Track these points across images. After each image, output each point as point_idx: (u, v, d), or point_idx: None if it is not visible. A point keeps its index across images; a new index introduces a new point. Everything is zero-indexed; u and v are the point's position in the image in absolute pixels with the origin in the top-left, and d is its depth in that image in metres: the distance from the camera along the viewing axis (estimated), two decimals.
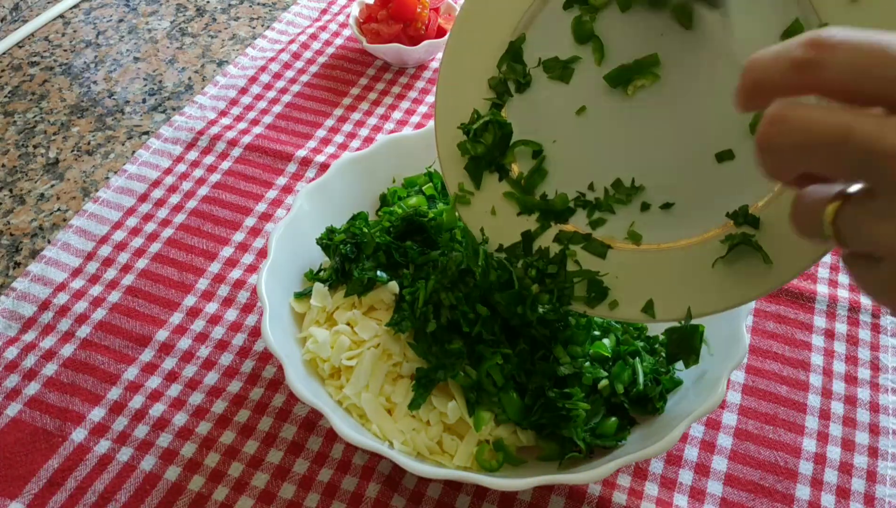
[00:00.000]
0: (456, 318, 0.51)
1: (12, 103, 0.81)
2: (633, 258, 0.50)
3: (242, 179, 0.72)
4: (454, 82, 0.53)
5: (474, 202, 0.53)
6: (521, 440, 0.51)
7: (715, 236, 0.48)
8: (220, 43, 0.89)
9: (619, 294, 0.49)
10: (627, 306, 0.49)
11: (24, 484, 0.52)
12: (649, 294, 0.48)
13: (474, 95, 0.53)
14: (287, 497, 0.52)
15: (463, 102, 0.53)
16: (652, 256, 0.49)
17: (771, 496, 0.52)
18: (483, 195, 0.53)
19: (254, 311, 0.62)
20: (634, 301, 0.49)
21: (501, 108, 0.53)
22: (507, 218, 0.52)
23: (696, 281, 0.48)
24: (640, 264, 0.49)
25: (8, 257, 0.67)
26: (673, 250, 0.49)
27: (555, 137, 0.52)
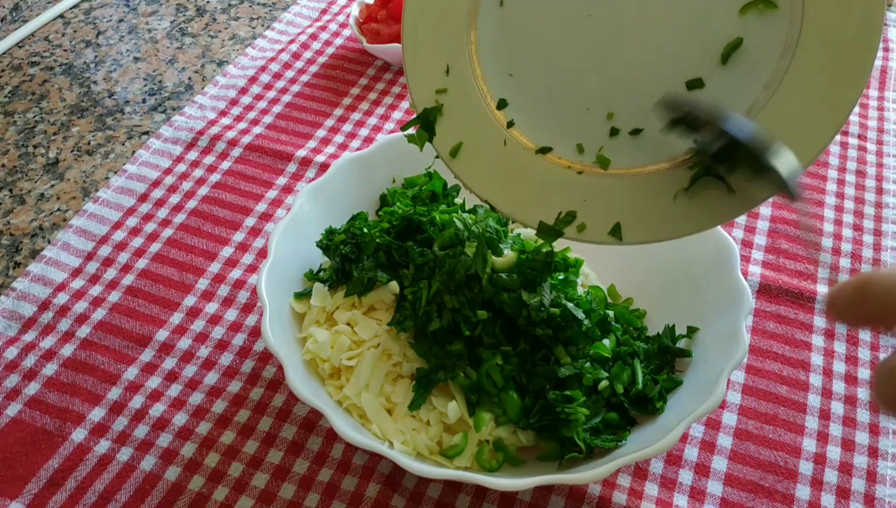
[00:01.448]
0: (457, 320, 0.51)
1: (12, 103, 0.81)
2: (602, 183, 0.49)
3: (242, 179, 0.72)
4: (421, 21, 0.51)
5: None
6: (521, 441, 0.51)
7: (683, 163, 0.48)
8: (220, 43, 0.89)
9: (587, 218, 0.49)
10: (595, 229, 0.49)
11: (24, 484, 0.52)
12: (617, 218, 0.49)
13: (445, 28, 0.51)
14: (287, 497, 0.52)
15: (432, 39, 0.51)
16: (620, 180, 0.49)
17: (771, 496, 0.52)
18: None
19: (254, 311, 0.62)
20: (602, 225, 0.49)
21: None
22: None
23: (663, 206, 0.48)
24: (609, 188, 0.49)
25: (8, 257, 0.67)
26: (640, 175, 0.49)
27: (527, 58, 0.50)
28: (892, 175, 0.74)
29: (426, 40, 0.51)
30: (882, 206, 0.71)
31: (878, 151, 0.76)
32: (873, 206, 0.71)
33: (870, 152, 0.76)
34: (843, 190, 0.73)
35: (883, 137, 0.78)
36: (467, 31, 0.50)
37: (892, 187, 0.73)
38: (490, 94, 0.51)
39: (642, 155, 0.49)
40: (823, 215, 0.70)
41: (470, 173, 0.51)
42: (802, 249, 0.67)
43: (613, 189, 0.49)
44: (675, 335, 0.55)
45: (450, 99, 0.51)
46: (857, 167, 0.75)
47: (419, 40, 0.51)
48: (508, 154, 0.51)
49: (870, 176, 0.74)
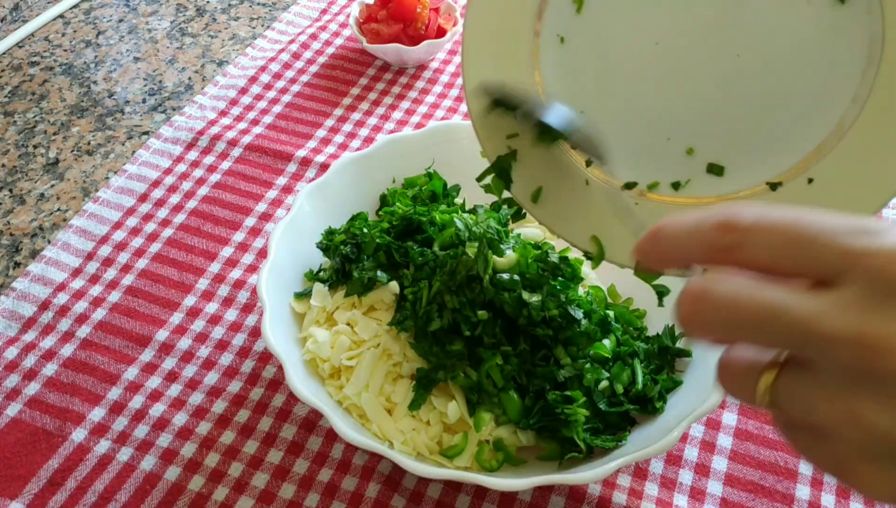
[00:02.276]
0: (457, 320, 0.51)
1: (12, 103, 0.81)
2: (667, 209, 0.48)
3: (242, 179, 0.72)
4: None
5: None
6: (521, 441, 0.51)
7: (751, 195, 0.46)
8: (220, 43, 0.89)
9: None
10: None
11: (24, 484, 0.52)
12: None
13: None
14: (287, 497, 0.52)
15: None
16: (686, 208, 0.48)
17: (771, 496, 0.52)
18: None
19: (254, 311, 0.62)
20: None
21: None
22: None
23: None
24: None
25: (8, 257, 0.67)
26: (708, 203, 0.47)
27: (596, 93, 0.48)
28: None
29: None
30: None
31: None
32: None
33: None
34: None
35: None
36: (530, 72, 0.48)
37: None
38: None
39: (713, 187, 0.47)
40: None
41: (554, 217, 0.49)
42: None
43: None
44: (675, 335, 0.55)
45: (522, 143, 0.49)
46: None
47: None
48: (591, 194, 0.48)
49: None
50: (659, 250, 0.31)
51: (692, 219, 0.30)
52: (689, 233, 0.29)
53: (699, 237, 0.29)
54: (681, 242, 0.30)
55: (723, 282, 0.28)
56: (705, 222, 0.29)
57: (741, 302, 0.27)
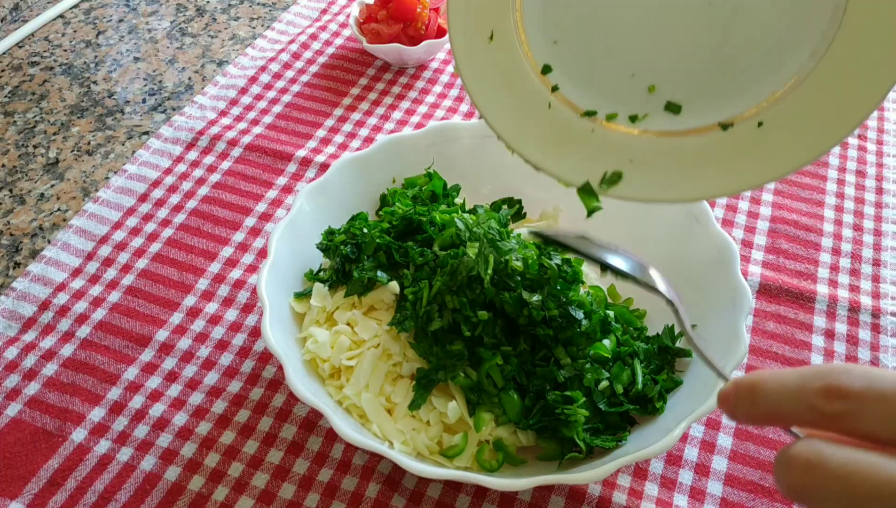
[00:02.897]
0: (457, 321, 0.51)
1: (12, 103, 0.81)
2: (651, 144, 0.49)
3: (242, 179, 0.72)
4: None
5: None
6: (521, 441, 0.51)
7: (702, 132, 0.48)
8: (220, 43, 0.89)
9: (633, 177, 0.49)
10: (641, 186, 0.49)
11: (24, 484, 0.52)
12: (665, 175, 0.48)
13: None
14: (287, 497, 0.52)
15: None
16: (668, 141, 0.49)
17: (771, 496, 0.52)
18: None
19: (254, 311, 0.62)
20: (648, 182, 0.49)
21: None
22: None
23: (708, 162, 0.48)
24: (658, 148, 0.49)
25: (8, 257, 0.67)
26: (686, 135, 0.49)
27: (570, 25, 0.51)
28: (892, 175, 0.74)
29: (471, 5, 0.51)
30: (882, 206, 0.71)
31: (878, 151, 0.76)
32: (873, 206, 0.71)
33: (870, 152, 0.76)
34: (843, 190, 0.73)
35: (883, 137, 0.78)
36: (511, 3, 0.51)
37: (892, 187, 0.73)
38: (535, 60, 0.51)
39: (682, 122, 0.49)
40: (823, 215, 0.70)
41: (513, 134, 0.51)
42: (802, 249, 0.68)
43: (662, 149, 0.49)
44: (675, 335, 0.55)
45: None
46: (857, 167, 0.75)
47: (464, 6, 0.51)
48: (552, 117, 0.51)
49: (870, 176, 0.74)
50: (757, 408, 0.30)
51: (793, 379, 0.29)
52: (791, 395, 0.29)
53: (804, 401, 0.28)
54: (783, 404, 0.29)
55: (838, 452, 0.27)
56: (809, 384, 0.28)
57: (861, 475, 0.26)
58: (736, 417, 0.32)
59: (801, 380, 0.29)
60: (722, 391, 0.32)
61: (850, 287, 0.65)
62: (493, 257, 0.52)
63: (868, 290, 0.65)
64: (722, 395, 0.32)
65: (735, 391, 0.31)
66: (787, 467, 0.28)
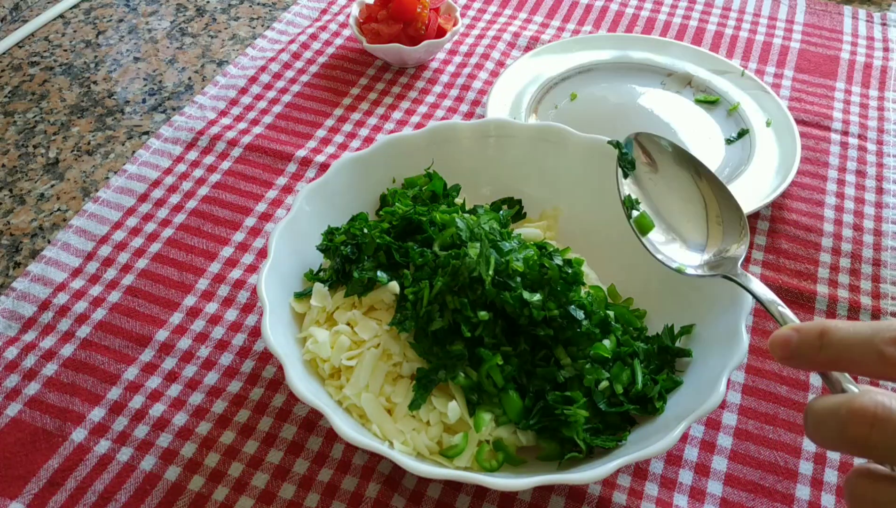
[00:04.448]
0: (458, 321, 0.51)
1: (12, 103, 0.81)
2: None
3: (242, 179, 0.72)
4: None
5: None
6: (521, 441, 0.51)
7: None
8: (220, 43, 0.89)
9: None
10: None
11: (24, 484, 0.52)
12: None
13: None
14: (287, 497, 0.52)
15: None
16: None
17: (771, 496, 0.52)
18: None
19: (254, 311, 0.62)
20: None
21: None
22: None
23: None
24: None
25: (8, 257, 0.67)
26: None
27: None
28: (892, 175, 0.74)
29: None
30: (882, 206, 0.71)
31: (878, 151, 0.76)
32: (873, 206, 0.71)
33: (870, 152, 0.76)
34: (843, 190, 0.73)
35: (883, 137, 0.78)
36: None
37: (892, 187, 0.73)
38: None
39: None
40: (823, 215, 0.70)
41: None
42: (802, 249, 0.68)
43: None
44: (675, 335, 0.55)
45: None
46: (857, 167, 0.75)
47: None
48: None
49: (870, 176, 0.74)
50: (824, 352, 0.30)
51: (864, 327, 0.29)
52: (862, 341, 0.29)
53: (874, 348, 0.29)
54: (853, 349, 0.29)
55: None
56: (880, 333, 0.29)
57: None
58: (793, 360, 0.32)
59: (872, 329, 0.29)
60: (779, 335, 0.32)
61: (850, 287, 0.65)
62: (493, 258, 0.52)
63: (868, 290, 0.65)
64: (781, 338, 0.32)
65: (798, 335, 0.31)
66: (850, 419, 0.28)
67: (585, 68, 0.83)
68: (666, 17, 0.92)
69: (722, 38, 0.89)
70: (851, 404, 0.30)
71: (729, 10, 0.93)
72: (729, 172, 0.73)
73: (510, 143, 0.64)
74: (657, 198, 0.56)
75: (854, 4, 0.96)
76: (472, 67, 0.85)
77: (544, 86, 0.81)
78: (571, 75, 0.82)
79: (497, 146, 0.64)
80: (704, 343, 0.54)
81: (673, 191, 0.56)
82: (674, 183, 0.56)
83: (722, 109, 0.79)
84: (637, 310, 0.58)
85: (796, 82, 0.84)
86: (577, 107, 0.80)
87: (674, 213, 0.56)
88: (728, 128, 0.78)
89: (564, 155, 0.63)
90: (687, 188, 0.56)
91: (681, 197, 0.56)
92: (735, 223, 0.54)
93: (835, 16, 0.93)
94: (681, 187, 0.56)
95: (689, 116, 0.79)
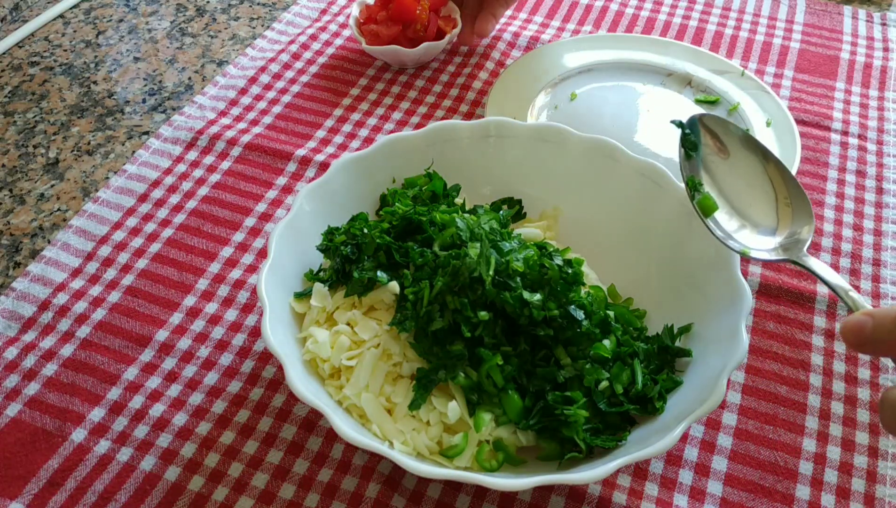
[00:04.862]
0: (458, 321, 0.51)
1: (12, 103, 0.81)
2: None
3: (242, 179, 0.72)
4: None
5: None
6: (521, 441, 0.51)
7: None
8: (220, 43, 0.89)
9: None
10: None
11: (24, 484, 0.52)
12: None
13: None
14: (287, 497, 0.52)
15: None
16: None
17: (771, 496, 0.52)
18: None
19: (254, 311, 0.62)
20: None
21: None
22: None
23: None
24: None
25: (8, 257, 0.67)
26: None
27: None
28: (892, 175, 0.74)
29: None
30: (882, 206, 0.71)
31: (878, 151, 0.76)
32: (873, 206, 0.71)
33: (870, 152, 0.76)
34: (843, 190, 0.73)
35: (883, 137, 0.78)
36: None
37: (892, 187, 0.73)
38: None
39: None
40: (823, 215, 0.70)
41: None
42: None
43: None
44: (674, 334, 0.55)
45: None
46: (857, 167, 0.75)
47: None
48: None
49: (870, 176, 0.74)
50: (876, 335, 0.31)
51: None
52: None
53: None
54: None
55: None
56: None
57: None
58: (867, 347, 0.32)
59: None
60: (852, 320, 0.32)
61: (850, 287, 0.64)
62: (494, 258, 0.52)
63: (868, 290, 0.65)
64: (854, 324, 0.32)
65: (873, 321, 0.31)
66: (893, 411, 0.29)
67: (585, 68, 0.83)
68: (666, 17, 0.92)
69: (722, 38, 0.89)
70: None
71: (729, 10, 0.93)
72: None
73: (510, 143, 0.64)
74: (723, 181, 0.55)
75: (854, 4, 0.96)
76: (472, 67, 0.85)
77: (544, 86, 0.81)
78: (571, 75, 0.82)
79: (497, 146, 0.64)
80: (704, 343, 0.54)
81: (741, 175, 0.55)
82: (742, 167, 0.55)
83: (722, 109, 0.79)
84: (637, 310, 0.58)
85: (796, 82, 0.84)
86: (577, 107, 0.79)
87: (742, 197, 0.55)
88: None
89: (564, 155, 0.63)
90: (756, 172, 0.55)
91: (749, 181, 0.55)
92: (803, 207, 0.53)
93: (835, 16, 0.93)
94: (749, 171, 0.55)
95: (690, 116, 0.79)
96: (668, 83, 0.82)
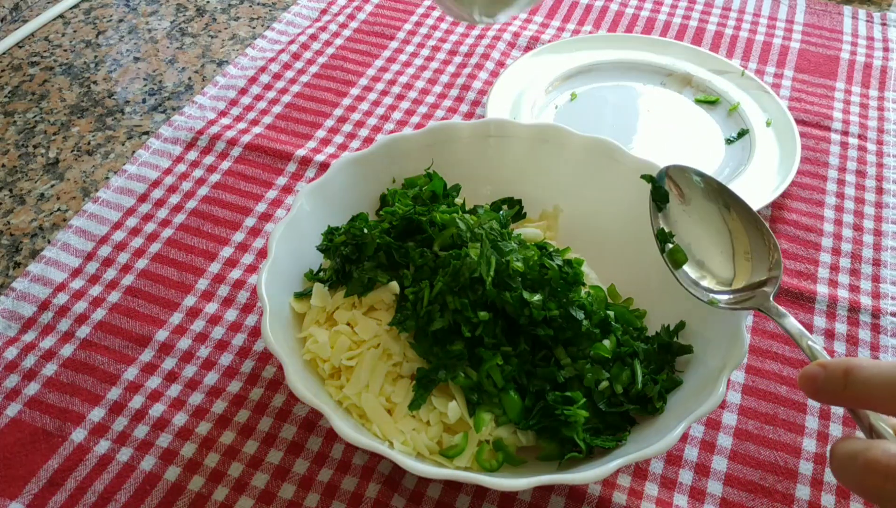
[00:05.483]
0: (458, 321, 0.51)
1: (12, 103, 0.81)
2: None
3: (242, 179, 0.72)
4: None
5: None
6: (521, 441, 0.51)
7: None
8: (220, 43, 0.89)
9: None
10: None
11: (24, 484, 0.52)
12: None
13: None
14: (287, 497, 0.52)
15: None
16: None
17: (771, 496, 0.52)
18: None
19: (254, 311, 0.62)
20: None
21: None
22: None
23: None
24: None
25: (8, 257, 0.67)
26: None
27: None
28: (892, 175, 0.74)
29: None
30: (882, 206, 0.71)
31: (878, 151, 0.77)
32: (873, 206, 0.71)
33: (870, 152, 0.76)
34: (843, 190, 0.73)
35: (883, 137, 0.78)
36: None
37: (892, 187, 0.73)
38: None
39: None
40: (823, 215, 0.70)
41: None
42: (802, 249, 0.68)
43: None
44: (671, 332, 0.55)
45: None
46: (857, 167, 0.75)
47: None
48: None
49: (870, 176, 0.74)
50: (848, 391, 0.31)
51: (889, 367, 0.30)
52: (886, 382, 0.30)
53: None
54: (876, 390, 0.30)
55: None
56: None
57: None
58: (819, 396, 0.33)
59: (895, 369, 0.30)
60: (807, 371, 0.33)
61: (850, 287, 0.65)
62: (494, 259, 0.52)
63: (868, 290, 0.65)
64: (808, 374, 0.33)
65: (825, 372, 0.32)
66: (865, 470, 0.29)
67: (585, 68, 0.83)
68: (666, 17, 0.92)
69: (722, 38, 0.89)
70: (866, 454, 0.31)
71: (729, 10, 0.93)
72: (729, 172, 0.73)
73: (510, 143, 0.64)
74: (687, 232, 0.56)
75: (854, 4, 0.96)
76: (472, 67, 0.85)
77: (544, 86, 0.81)
78: (571, 75, 0.82)
79: (497, 146, 0.64)
80: (704, 343, 0.54)
81: (702, 225, 0.56)
82: (703, 217, 0.56)
83: (722, 109, 0.79)
84: (637, 310, 0.58)
85: (796, 82, 0.84)
86: (577, 107, 0.80)
87: (703, 247, 0.56)
88: (728, 128, 0.78)
89: (564, 155, 0.63)
90: (715, 222, 0.56)
91: (709, 231, 0.56)
92: (765, 258, 0.53)
93: (835, 16, 0.93)
94: (709, 221, 0.56)
95: (689, 116, 0.79)
96: (668, 83, 0.82)
